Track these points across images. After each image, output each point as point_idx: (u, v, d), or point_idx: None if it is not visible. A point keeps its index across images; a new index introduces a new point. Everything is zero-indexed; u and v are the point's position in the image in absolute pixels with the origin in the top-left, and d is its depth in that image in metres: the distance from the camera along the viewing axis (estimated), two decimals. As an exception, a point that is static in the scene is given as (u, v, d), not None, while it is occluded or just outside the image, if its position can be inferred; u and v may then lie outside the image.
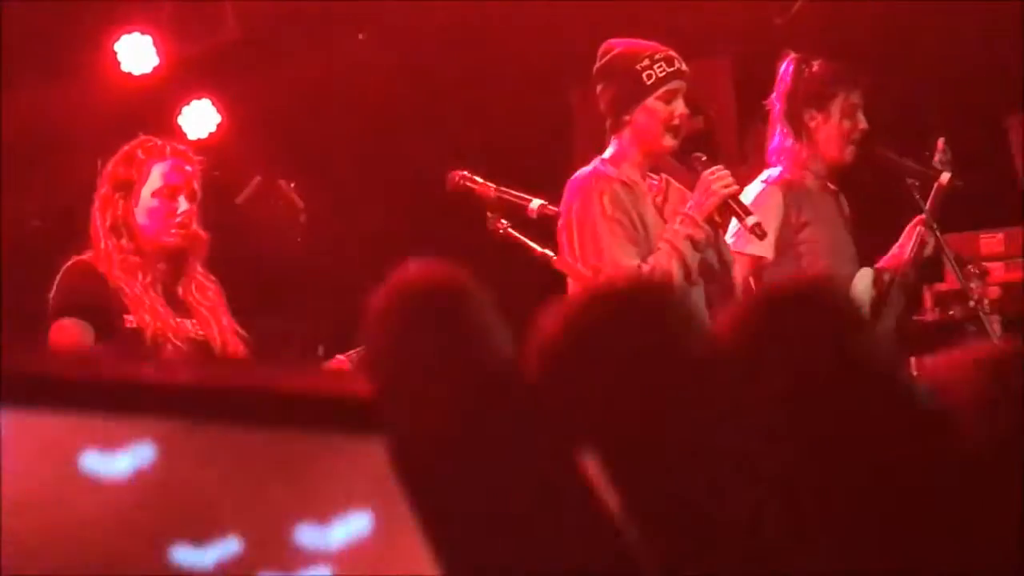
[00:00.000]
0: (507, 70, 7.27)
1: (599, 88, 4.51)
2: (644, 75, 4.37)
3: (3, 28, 6.27)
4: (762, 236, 4.45)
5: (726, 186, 4.32)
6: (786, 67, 5.13)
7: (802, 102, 5.07)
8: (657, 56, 4.40)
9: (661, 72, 4.38)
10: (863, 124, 5.08)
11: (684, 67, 4.44)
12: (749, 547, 0.36)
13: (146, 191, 4.51)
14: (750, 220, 4.33)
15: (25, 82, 6.25)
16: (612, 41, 4.53)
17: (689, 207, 4.34)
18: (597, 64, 4.53)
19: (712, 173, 4.33)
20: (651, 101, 4.38)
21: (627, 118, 4.42)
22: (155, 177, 4.52)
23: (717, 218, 4.41)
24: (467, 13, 6.95)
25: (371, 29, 7.24)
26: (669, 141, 4.41)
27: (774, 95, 5.14)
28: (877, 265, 5.25)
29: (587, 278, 4.24)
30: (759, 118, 5.36)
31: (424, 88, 7.39)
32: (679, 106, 4.40)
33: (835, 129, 5.08)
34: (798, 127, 5.09)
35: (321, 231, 7.29)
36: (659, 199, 4.50)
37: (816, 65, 5.11)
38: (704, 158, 4.41)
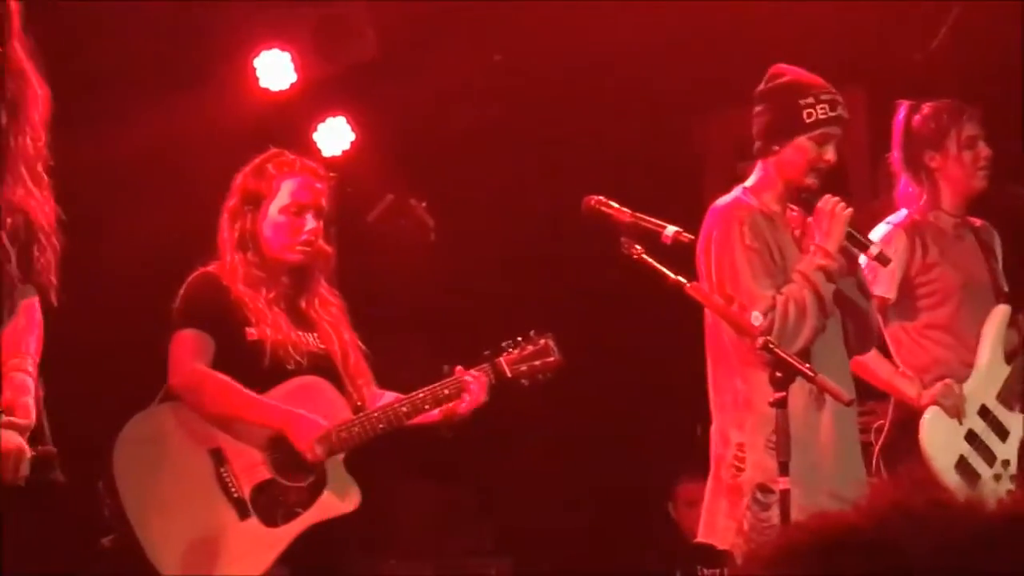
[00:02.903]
0: (637, 98, 7.26)
1: (757, 108, 4.47)
2: (805, 112, 4.33)
3: (145, 39, 6.38)
4: (886, 263, 4.42)
5: (844, 208, 4.27)
6: (897, 117, 5.13)
7: (919, 146, 5.08)
8: (823, 96, 4.35)
9: (823, 114, 4.33)
10: (986, 151, 5.08)
11: (846, 115, 4.39)
12: None
13: (274, 207, 4.56)
14: (873, 249, 4.32)
15: (165, 93, 6.34)
16: (782, 66, 4.49)
17: (819, 239, 4.29)
18: (762, 86, 4.49)
19: (826, 201, 4.29)
20: (804, 139, 4.34)
21: (776, 148, 4.38)
22: (284, 193, 4.56)
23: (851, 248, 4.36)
24: (600, 39, 6.95)
25: (507, 51, 7.26)
26: (811, 181, 4.36)
27: (892, 148, 5.13)
28: None
29: (720, 306, 4.22)
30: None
31: (558, 111, 7.40)
32: (829, 151, 4.35)
33: (956, 163, 5.08)
34: (919, 171, 5.10)
35: (451, 251, 7.33)
36: (798, 232, 4.45)
37: (926, 107, 5.11)
38: (814, 188, 4.36)
